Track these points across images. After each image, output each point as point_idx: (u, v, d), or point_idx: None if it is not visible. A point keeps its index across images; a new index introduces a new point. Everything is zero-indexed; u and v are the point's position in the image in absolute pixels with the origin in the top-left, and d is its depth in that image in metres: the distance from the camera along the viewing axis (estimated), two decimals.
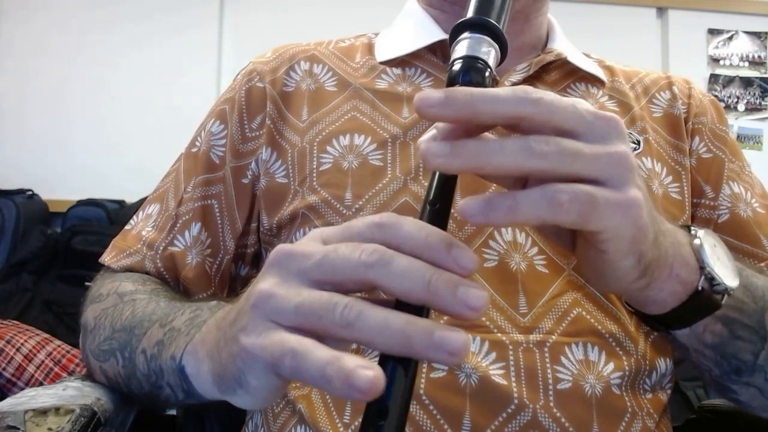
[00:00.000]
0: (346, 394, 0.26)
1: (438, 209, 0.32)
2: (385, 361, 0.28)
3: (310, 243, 0.31)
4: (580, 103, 0.33)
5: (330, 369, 0.26)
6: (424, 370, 0.48)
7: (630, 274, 0.35)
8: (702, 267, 0.40)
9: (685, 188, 0.59)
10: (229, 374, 0.32)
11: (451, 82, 0.38)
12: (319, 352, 0.27)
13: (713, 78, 2.48)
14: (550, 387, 0.47)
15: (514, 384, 0.47)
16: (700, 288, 0.40)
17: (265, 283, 0.30)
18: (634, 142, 0.59)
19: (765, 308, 0.46)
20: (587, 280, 0.51)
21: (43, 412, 0.46)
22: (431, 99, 0.29)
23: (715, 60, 2.50)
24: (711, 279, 0.40)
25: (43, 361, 1.45)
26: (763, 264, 0.58)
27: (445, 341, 0.26)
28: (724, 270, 0.41)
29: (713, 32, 2.51)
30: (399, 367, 0.28)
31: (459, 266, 0.28)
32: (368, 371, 0.25)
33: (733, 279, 0.42)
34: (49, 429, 0.45)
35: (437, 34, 0.61)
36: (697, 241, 0.41)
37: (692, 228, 0.42)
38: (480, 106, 0.30)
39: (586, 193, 0.30)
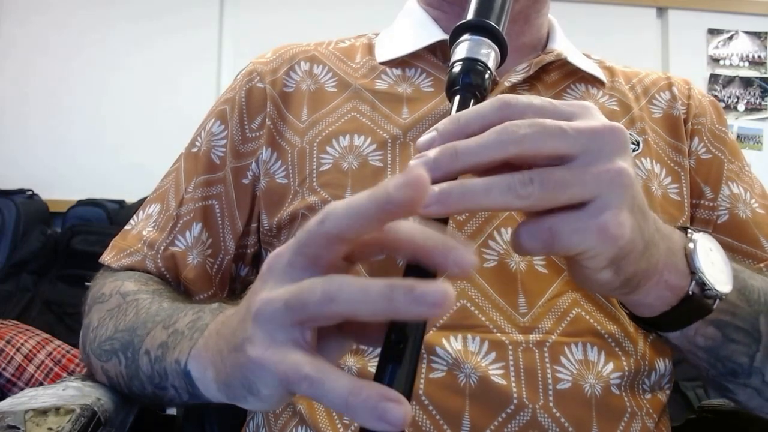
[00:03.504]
0: (372, 426, 0.26)
1: None
2: (384, 362, 0.29)
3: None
4: (583, 110, 0.33)
5: (353, 399, 0.26)
6: (424, 370, 0.48)
7: (611, 284, 0.36)
8: (693, 272, 0.40)
9: (685, 189, 0.59)
10: (236, 382, 0.32)
11: (452, 83, 0.38)
12: (339, 380, 0.27)
13: (713, 78, 2.48)
14: (550, 387, 0.47)
15: (513, 384, 0.47)
16: (690, 293, 0.40)
17: (262, 291, 0.31)
18: (634, 143, 0.59)
19: (759, 311, 0.45)
20: (575, 283, 0.51)
21: (43, 412, 0.46)
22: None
23: (715, 60, 2.50)
24: (702, 284, 0.40)
25: (43, 361, 1.45)
26: (762, 264, 0.58)
27: (427, 294, 0.25)
28: (718, 275, 0.41)
29: (713, 32, 2.51)
30: (398, 369, 0.28)
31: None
32: (395, 404, 0.25)
33: (726, 284, 0.42)
34: (50, 429, 0.45)
35: (437, 35, 0.61)
36: (690, 245, 0.41)
37: (689, 230, 0.42)
38: (464, 159, 0.31)
39: (546, 230, 0.32)
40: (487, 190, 0.30)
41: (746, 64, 2.51)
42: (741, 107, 2.47)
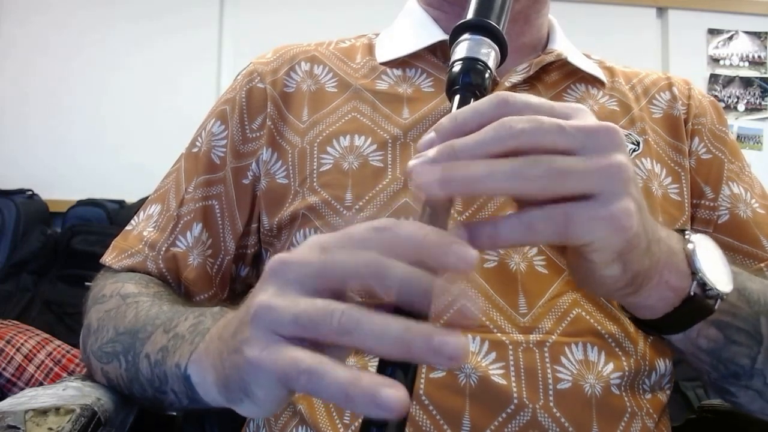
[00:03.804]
0: (371, 413, 0.26)
1: (437, 210, 0.32)
2: (385, 362, 0.28)
3: (307, 251, 0.31)
4: (578, 112, 0.33)
5: (353, 390, 0.26)
6: (424, 370, 0.48)
7: (616, 282, 0.36)
8: (694, 272, 0.40)
9: (685, 189, 0.59)
10: (234, 385, 0.32)
11: (451, 83, 0.38)
12: (337, 372, 0.27)
13: (713, 78, 2.48)
14: (550, 387, 0.47)
15: (513, 384, 0.47)
16: (692, 293, 0.40)
17: (263, 294, 0.30)
18: (634, 143, 0.59)
19: (760, 312, 0.45)
20: (576, 284, 0.51)
21: (43, 412, 0.46)
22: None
23: (715, 60, 2.50)
24: (703, 284, 0.40)
25: (43, 361, 1.45)
26: (762, 264, 0.58)
27: (445, 346, 0.26)
28: (718, 275, 0.41)
29: (713, 32, 2.51)
30: (398, 369, 0.28)
31: (460, 260, 0.28)
32: (394, 390, 0.26)
33: (727, 284, 0.42)
34: (50, 429, 0.45)
35: (437, 35, 0.61)
36: (690, 246, 0.41)
37: (687, 232, 0.42)
38: (462, 158, 0.31)
39: (561, 213, 0.31)
40: (491, 173, 0.30)
41: (746, 64, 2.51)
42: (741, 107, 2.47)
